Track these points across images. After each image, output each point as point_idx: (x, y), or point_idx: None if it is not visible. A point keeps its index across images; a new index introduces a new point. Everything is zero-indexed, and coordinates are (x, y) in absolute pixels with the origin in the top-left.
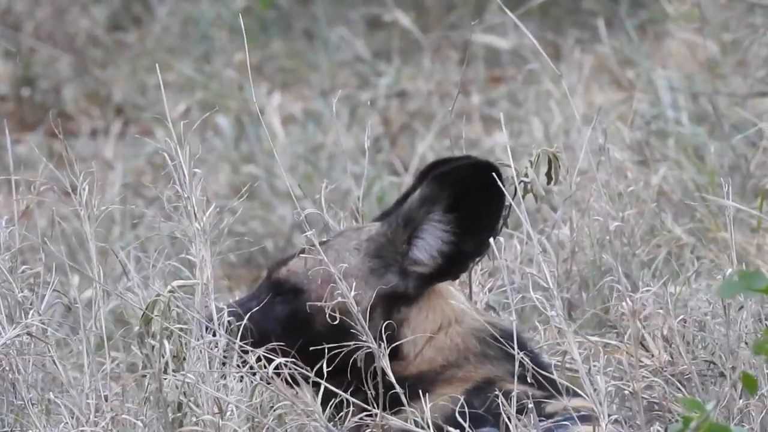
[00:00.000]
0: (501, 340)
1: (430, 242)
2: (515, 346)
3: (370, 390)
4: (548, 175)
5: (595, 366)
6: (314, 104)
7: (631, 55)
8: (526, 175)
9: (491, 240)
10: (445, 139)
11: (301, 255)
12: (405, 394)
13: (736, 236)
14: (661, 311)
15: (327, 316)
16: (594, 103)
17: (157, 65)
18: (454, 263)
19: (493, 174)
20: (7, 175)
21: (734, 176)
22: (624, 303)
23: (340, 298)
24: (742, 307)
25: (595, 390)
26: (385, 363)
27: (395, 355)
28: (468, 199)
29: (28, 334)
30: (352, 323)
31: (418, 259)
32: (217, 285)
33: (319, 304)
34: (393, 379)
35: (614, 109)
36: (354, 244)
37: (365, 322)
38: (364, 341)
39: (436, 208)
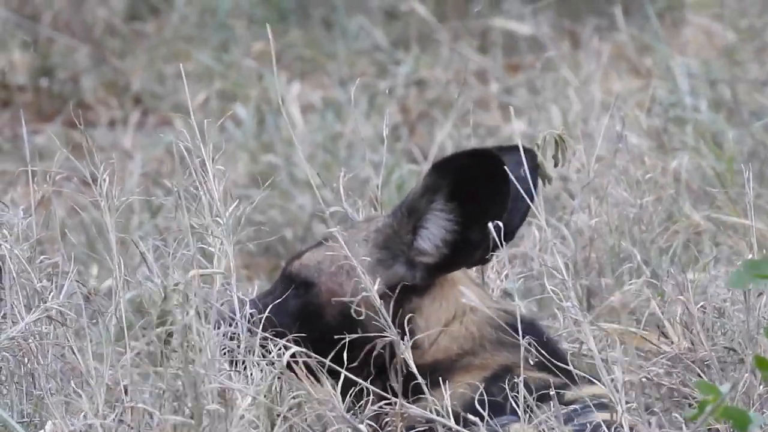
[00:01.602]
0: (517, 328)
1: (434, 231)
2: (540, 335)
3: (391, 380)
4: (555, 157)
5: (613, 355)
6: (333, 93)
7: (649, 42)
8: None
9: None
10: (463, 127)
11: (313, 248)
12: (426, 384)
13: (756, 223)
14: (681, 298)
15: (338, 308)
16: (612, 90)
17: (176, 56)
18: (459, 252)
19: (494, 161)
20: (25, 166)
21: (753, 163)
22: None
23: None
24: (761, 293)
25: (612, 380)
26: (408, 354)
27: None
28: (471, 188)
29: (48, 317)
30: (362, 316)
31: (423, 249)
32: (236, 274)
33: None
34: (414, 369)
35: (632, 97)
36: (363, 236)
37: (377, 313)
38: (377, 333)
39: (437, 197)
